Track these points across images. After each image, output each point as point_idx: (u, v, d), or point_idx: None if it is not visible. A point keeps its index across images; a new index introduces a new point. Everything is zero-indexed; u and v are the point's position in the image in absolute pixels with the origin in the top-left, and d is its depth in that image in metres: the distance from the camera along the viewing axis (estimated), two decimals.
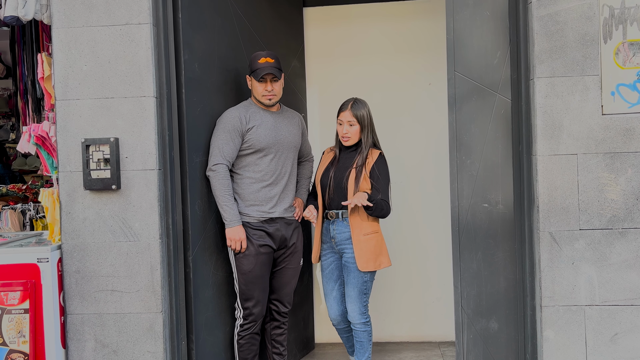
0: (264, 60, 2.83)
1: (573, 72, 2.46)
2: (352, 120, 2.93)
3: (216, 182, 2.77)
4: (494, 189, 2.65)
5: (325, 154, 3.10)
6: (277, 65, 2.84)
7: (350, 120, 2.93)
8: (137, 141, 2.56)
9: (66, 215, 2.59)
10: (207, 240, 2.82)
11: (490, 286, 2.67)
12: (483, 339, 2.68)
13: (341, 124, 2.96)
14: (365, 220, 2.91)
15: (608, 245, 2.46)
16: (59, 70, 2.58)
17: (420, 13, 3.87)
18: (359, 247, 2.89)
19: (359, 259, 2.89)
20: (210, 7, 2.88)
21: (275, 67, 2.82)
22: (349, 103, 2.96)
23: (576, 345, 2.48)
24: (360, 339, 2.99)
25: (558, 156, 2.47)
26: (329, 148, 3.13)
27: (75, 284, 2.59)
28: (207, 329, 2.79)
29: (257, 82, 2.83)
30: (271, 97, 2.86)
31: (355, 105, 2.95)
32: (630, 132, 2.44)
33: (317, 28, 3.93)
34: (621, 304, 2.46)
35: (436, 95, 3.83)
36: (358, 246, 2.89)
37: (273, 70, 2.80)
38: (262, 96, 2.86)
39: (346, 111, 2.95)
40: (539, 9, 2.46)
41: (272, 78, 2.83)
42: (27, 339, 2.50)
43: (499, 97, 2.63)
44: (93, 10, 2.56)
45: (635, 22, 2.45)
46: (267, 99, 2.86)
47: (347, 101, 2.98)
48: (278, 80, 2.86)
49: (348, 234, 2.93)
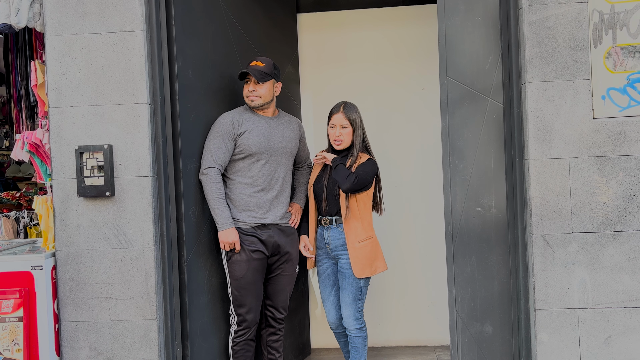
0: (253, 64, 2.85)
1: (564, 76, 2.48)
2: (345, 123, 2.92)
3: (208, 186, 2.77)
4: (487, 193, 2.66)
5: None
6: (265, 69, 2.83)
7: (342, 123, 2.92)
8: (131, 148, 2.56)
9: (60, 223, 2.58)
10: (202, 247, 2.82)
11: (485, 290, 2.67)
12: (478, 343, 2.69)
13: (333, 127, 2.95)
14: (360, 227, 2.91)
15: (600, 248, 2.48)
16: (52, 77, 2.58)
17: (412, 19, 3.90)
18: (354, 254, 2.89)
19: (354, 266, 2.88)
20: (203, 13, 2.89)
21: (259, 71, 2.81)
22: (341, 106, 2.96)
23: (570, 348, 2.49)
24: (355, 344, 2.99)
25: (550, 160, 2.48)
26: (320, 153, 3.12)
27: (70, 292, 2.58)
28: (202, 336, 2.78)
29: (245, 84, 2.87)
30: (254, 99, 2.85)
31: (347, 107, 2.94)
32: (621, 136, 2.46)
33: (311, 34, 3.95)
34: (614, 307, 2.47)
35: (429, 100, 3.84)
36: (353, 253, 2.89)
37: (253, 72, 2.80)
38: (245, 97, 2.88)
39: (338, 114, 2.93)
40: (530, 14, 2.48)
41: (255, 80, 2.83)
42: (21, 347, 2.49)
43: (491, 102, 2.65)
44: (86, 18, 2.57)
45: (625, 27, 2.48)
46: (250, 100, 2.87)
47: (339, 104, 2.97)
48: (263, 83, 2.83)
49: (342, 240, 2.93)
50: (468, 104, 2.67)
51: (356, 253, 2.89)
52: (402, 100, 3.90)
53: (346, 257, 2.92)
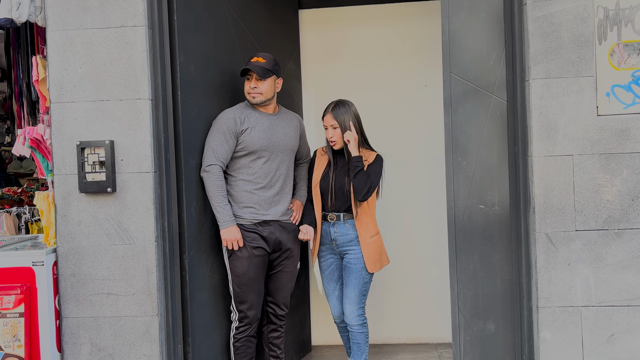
0: (254, 60, 2.83)
1: (568, 73, 2.46)
2: (334, 124, 2.91)
3: (210, 183, 2.76)
4: (490, 190, 2.65)
5: (319, 155, 3.07)
6: (266, 65, 2.81)
7: (332, 124, 2.92)
8: (133, 144, 2.55)
9: (61, 219, 2.58)
10: (203, 243, 2.81)
11: (487, 287, 2.67)
12: (480, 341, 2.68)
13: (326, 129, 2.96)
14: (370, 223, 2.95)
15: (604, 246, 2.46)
16: (53, 72, 2.57)
17: (415, 15, 3.88)
18: (367, 249, 2.93)
19: (367, 261, 2.92)
20: (205, 9, 2.88)
21: (261, 67, 2.79)
22: (330, 107, 2.95)
23: (573, 346, 2.48)
24: (357, 340, 2.99)
25: (554, 157, 2.47)
26: (321, 149, 3.09)
27: (71, 288, 2.58)
28: (203, 332, 2.78)
29: (246, 80, 2.84)
30: (255, 95, 2.84)
31: (336, 108, 2.93)
32: (626, 133, 2.45)
33: (313, 30, 3.93)
34: (617, 305, 2.46)
35: (432, 97, 3.83)
36: (366, 248, 2.92)
37: (255, 69, 2.78)
38: (247, 94, 2.86)
39: (327, 115, 2.94)
40: (534, 11, 2.47)
41: (257, 76, 2.81)
42: (22, 342, 2.49)
43: (495, 99, 2.63)
44: (88, 13, 2.56)
45: (630, 23, 2.46)
46: (252, 97, 2.85)
47: (329, 105, 2.97)
48: (264, 79, 2.82)
49: (351, 236, 2.94)
50: (471, 100, 2.65)
51: (369, 248, 2.93)
52: (404, 96, 3.89)
53: (354, 252, 2.93)
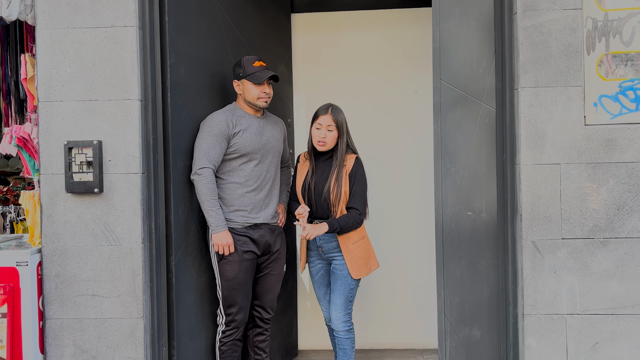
0: (258, 64, 2.84)
1: (557, 82, 2.48)
2: (332, 126, 2.88)
3: (202, 187, 2.73)
4: (478, 198, 2.66)
5: (302, 161, 3.03)
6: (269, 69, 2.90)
7: (329, 125, 2.88)
8: (121, 144, 2.53)
9: (47, 219, 2.55)
10: (190, 246, 2.79)
11: (473, 294, 2.68)
12: (466, 347, 2.69)
13: (319, 129, 2.90)
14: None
15: (589, 254, 2.48)
16: (42, 71, 2.55)
17: (407, 21, 3.90)
18: (350, 256, 2.89)
19: (351, 268, 2.88)
20: (197, 11, 2.87)
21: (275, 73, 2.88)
22: (329, 107, 2.92)
23: (557, 354, 2.49)
24: (343, 346, 2.98)
25: (541, 165, 2.49)
26: (303, 154, 3.06)
27: (55, 288, 2.55)
28: (188, 335, 2.76)
29: (255, 85, 2.81)
30: (267, 100, 2.87)
31: (334, 109, 2.92)
32: (612, 143, 2.47)
33: (305, 34, 3.94)
34: (602, 313, 2.48)
35: (422, 103, 3.85)
36: (348, 255, 2.89)
37: (275, 75, 2.85)
38: (257, 99, 2.84)
39: (326, 115, 2.89)
40: (524, 20, 2.49)
41: (268, 81, 2.85)
42: (4, 343, 2.45)
43: (484, 106, 2.65)
44: (78, 12, 2.54)
45: (618, 35, 2.49)
46: (264, 102, 2.86)
47: (326, 105, 2.94)
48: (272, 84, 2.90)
49: (335, 242, 2.92)
50: (461, 107, 2.67)
51: (351, 255, 2.89)
52: (394, 102, 3.90)
53: (340, 258, 2.91)
